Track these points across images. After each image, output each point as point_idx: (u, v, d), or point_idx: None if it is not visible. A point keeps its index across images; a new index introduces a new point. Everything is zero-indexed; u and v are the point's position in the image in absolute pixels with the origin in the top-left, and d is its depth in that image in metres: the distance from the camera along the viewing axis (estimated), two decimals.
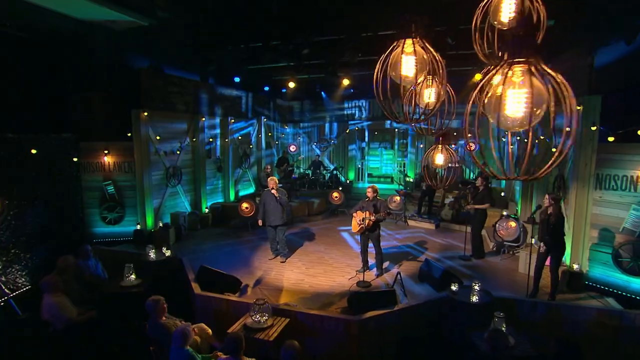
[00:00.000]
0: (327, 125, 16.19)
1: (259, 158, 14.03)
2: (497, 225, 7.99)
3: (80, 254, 6.10)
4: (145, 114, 8.71)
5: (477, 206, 7.74)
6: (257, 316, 4.81)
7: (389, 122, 14.94)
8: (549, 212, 5.76)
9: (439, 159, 5.27)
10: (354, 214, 6.90)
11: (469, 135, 9.88)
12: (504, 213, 8.74)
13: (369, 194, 6.79)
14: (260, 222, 7.64)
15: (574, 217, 6.38)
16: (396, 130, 15.29)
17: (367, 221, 6.62)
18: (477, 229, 7.82)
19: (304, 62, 10.43)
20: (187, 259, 7.14)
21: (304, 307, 5.59)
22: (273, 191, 7.45)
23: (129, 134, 8.59)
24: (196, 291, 5.74)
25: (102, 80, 8.40)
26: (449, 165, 5.19)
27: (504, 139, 11.90)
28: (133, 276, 5.82)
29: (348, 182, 14.84)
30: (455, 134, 14.40)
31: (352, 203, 11.99)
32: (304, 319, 5.18)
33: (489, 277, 6.78)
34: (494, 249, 8.39)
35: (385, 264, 7.35)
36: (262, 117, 14.18)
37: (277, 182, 7.66)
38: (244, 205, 10.18)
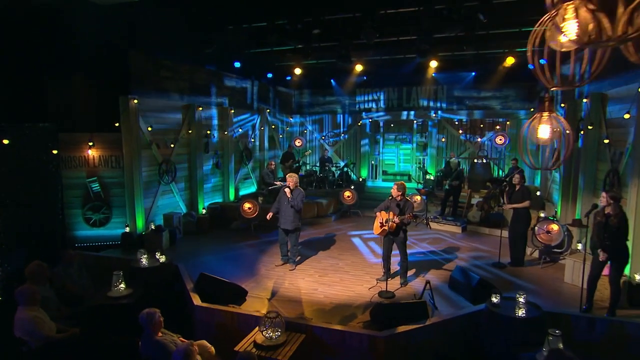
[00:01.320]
0: (337, 117, 16.16)
1: (261, 153, 14.02)
2: (536, 228, 7.63)
3: (61, 261, 5.96)
4: (135, 101, 8.55)
5: (516, 205, 7.42)
6: (269, 331, 4.56)
7: (405, 113, 14.75)
8: (606, 212, 5.39)
9: (544, 131, 4.19)
10: (377, 214, 6.72)
11: (497, 127, 9.58)
12: (542, 215, 8.50)
13: (394, 192, 6.58)
14: (269, 216, 7.44)
15: (635, 219, 6.00)
16: (414, 122, 15.09)
17: (390, 223, 6.38)
18: (519, 232, 7.52)
19: (313, 45, 10.14)
20: (183, 266, 6.96)
21: (321, 320, 5.37)
22: (286, 190, 7.26)
23: (117, 124, 8.42)
24: (196, 302, 5.52)
25: (85, 63, 8.18)
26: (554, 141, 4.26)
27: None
28: (122, 285, 5.61)
29: (361, 180, 14.71)
30: (482, 125, 14.08)
31: (366, 204, 12.28)
32: (322, 335, 4.94)
33: (530, 288, 6.50)
34: (533, 255, 8.09)
35: (410, 272, 7.13)
36: (265, 108, 14.08)
37: (297, 180, 7.46)
38: (247, 205, 10.04)
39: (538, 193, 11.29)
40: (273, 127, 14.80)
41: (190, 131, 10.37)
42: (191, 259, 7.81)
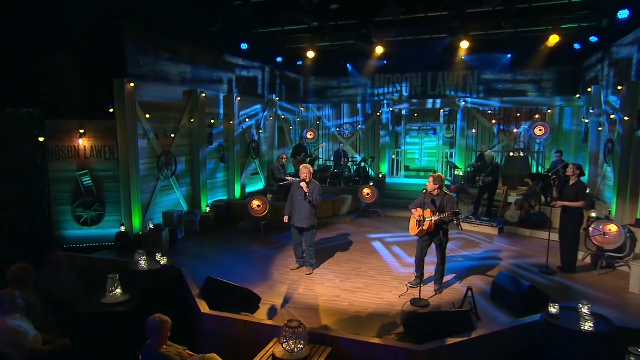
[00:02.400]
0: (353, 106, 16.02)
1: (270, 146, 13.93)
2: (590, 229, 7.24)
3: (48, 263, 5.82)
4: (132, 84, 8.40)
5: (568, 204, 7.04)
6: (290, 343, 4.29)
7: (430, 101, 14.53)
8: None
9: None
10: (413, 211, 6.49)
11: (537, 116, 9.17)
12: (593, 215, 8.20)
13: (430, 185, 6.37)
14: (286, 219, 7.34)
15: None
16: (441, 111, 14.83)
17: (426, 223, 6.16)
18: (569, 233, 7.18)
19: (329, 24, 9.87)
20: (187, 269, 6.80)
21: (347, 331, 5.13)
22: (303, 184, 7.08)
23: (111, 109, 8.29)
24: (203, 310, 5.33)
25: (75, 41, 8.02)
26: None
27: (585, 120, 11.23)
28: (119, 290, 5.47)
29: (380, 176, 14.42)
30: (518, 114, 13.70)
31: (386, 203, 12.33)
32: (351, 348, 4.70)
33: (588, 298, 6.07)
34: (585, 260, 7.77)
35: (446, 278, 6.85)
36: (274, 96, 13.92)
37: (312, 172, 7.30)
38: (256, 203, 9.89)
39: (587, 191, 10.91)
40: (283, 117, 14.73)
41: (192, 120, 10.26)
42: (195, 262, 7.70)
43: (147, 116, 8.96)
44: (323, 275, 7.29)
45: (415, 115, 15.36)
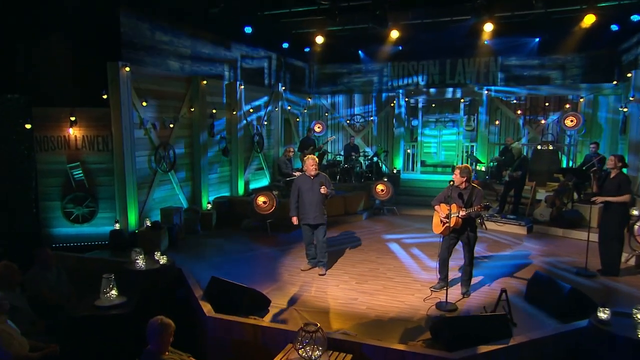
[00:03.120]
0: (365, 96, 16.05)
1: (275, 139, 13.88)
2: (635, 228, 7.01)
3: (36, 262, 5.73)
4: (127, 69, 8.25)
5: (611, 199, 6.80)
6: (307, 349, 4.12)
7: (449, 90, 14.38)
8: None
9: None
10: (437, 207, 6.37)
11: (567, 106, 8.87)
12: (635, 212, 7.99)
13: (456, 177, 6.19)
14: (295, 220, 7.27)
15: None
16: (461, 101, 14.70)
17: (453, 219, 6.01)
18: (611, 232, 6.93)
19: (341, 4, 9.70)
20: (188, 269, 6.76)
21: (367, 337, 4.93)
22: (324, 190, 7.03)
23: (104, 96, 8.15)
24: (207, 312, 5.21)
25: (64, 21, 7.93)
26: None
27: (623, 109, 10.94)
28: (114, 292, 5.34)
29: (395, 171, 14.32)
30: (546, 104, 13.45)
31: (401, 200, 12.30)
32: (374, 355, 4.53)
33: (635, 303, 5.84)
34: (629, 262, 7.55)
35: (473, 280, 6.67)
36: (280, 85, 13.85)
37: (317, 161, 7.28)
38: (261, 199, 9.79)
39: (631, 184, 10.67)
40: (289, 107, 14.66)
41: (192, 109, 10.18)
42: (196, 262, 7.64)
43: (144, 104, 8.82)
44: (337, 276, 7.18)
45: (433, 105, 15.27)
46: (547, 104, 13.63)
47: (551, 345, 4.83)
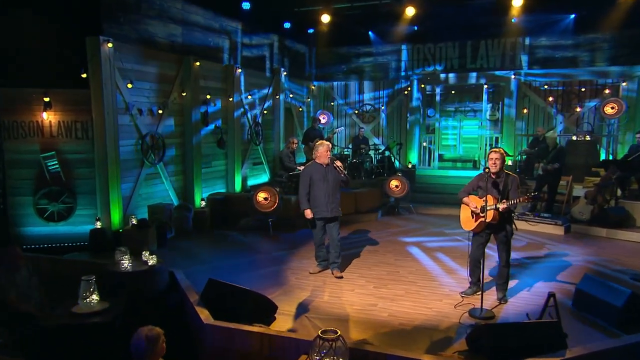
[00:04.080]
0: (375, 83, 15.87)
1: (276, 130, 13.85)
2: None
3: (2, 263, 5.71)
4: (110, 44, 8.11)
5: None
6: None
7: (471, 76, 14.28)
8: None
9: None
10: (465, 200, 6.19)
11: (607, 91, 8.53)
12: None
13: (491, 163, 5.95)
14: (309, 213, 7.05)
15: None
16: (484, 88, 14.57)
17: (490, 212, 5.76)
18: None
19: None
20: (181, 272, 6.63)
21: (390, 346, 4.77)
22: (338, 163, 7.02)
23: (84, 75, 8.02)
24: (205, 319, 5.03)
25: None
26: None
27: None
28: (95, 297, 5.20)
29: (410, 166, 14.37)
30: (583, 89, 13.17)
31: (417, 198, 12.30)
32: None
33: None
34: None
35: (510, 284, 6.47)
36: (282, 70, 13.78)
37: (331, 148, 7.23)
38: (262, 195, 9.63)
39: None
40: (291, 95, 14.61)
41: (184, 94, 10.08)
42: (189, 265, 7.59)
43: (129, 86, 8.68)
44: (352, 280, 7.05)
45: (453, 92, 15.36)
46: (582, 90, 13.37)
47: (617, 358, 4.58)
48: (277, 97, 13.55)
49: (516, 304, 6.08)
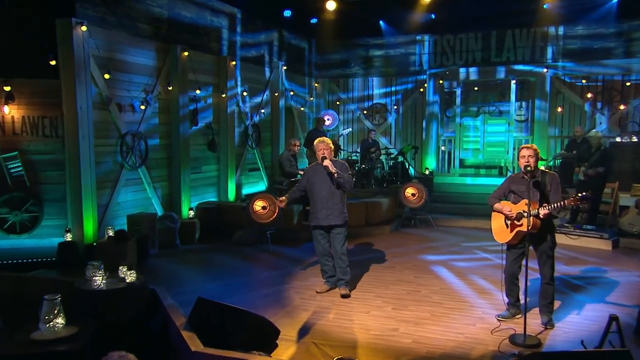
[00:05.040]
0: (389, 79, 15.86)
1: (275, 131, 13.97)
2: None
3: None
4: (84, 28, 8.10)
5: None
6: None
7: (497, 70, 14.24)
8: None
9: None
10: (497, 206, 5.96)
11: None
12: None
13: (523, 161, 5.73)
14: (282, 200, 7.19)
15: None
16: (511, 84, 14.55)
17: (527, 220, 5.45)
18: None
19: None
20: (164, 290, 6.45)
21: None
22: (326, 163, 6.78)
23: (52, 62, 7.95)
24: (194, 347, 4.75)
25: None
26: None
27: None
28: (60, 320, 4.89)
29: (427, 172, 14.26)
30: (627, 83, 13.26)
31: (435, 209, 12.25)
32: None
33: None
34: None
35: (556, 305, 6.23)
36: (281, 64, 13.91)
37: (332, 148, 7.08)
38: (259, 204, 9.33)
39: None
40: (292, 93, 14.78)
41: (170, 88, 10.15)
42: (175, 283, 7.53)
43: (107, 77, 8.71)
44: (366, 300, 6.87)
45: (475, 89, 15.21)
46: (627, 84, 13.22)
47: None
48: (276, 94, 13.69)
49: (565, 329, 5.86)
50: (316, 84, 16.01)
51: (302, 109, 15.32)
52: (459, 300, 6.84)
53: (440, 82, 14.84)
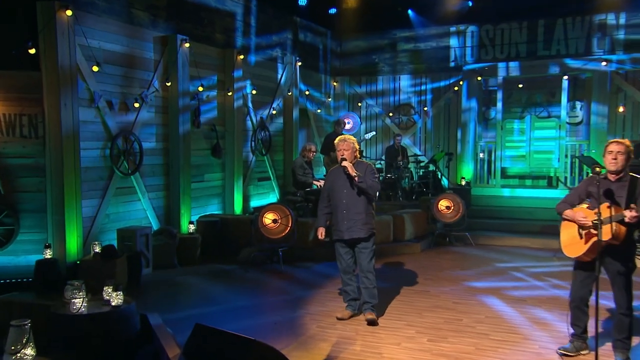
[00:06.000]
0: (418, 76, 15.93)
1: (288, 135, 14.10)
2: None
3: None
4: (69, 12, 8.08)
5: None
6: None
7: (549, 64, 14.07)
8: None
9: None
10: (568, 213, 5.68)
11: None
12: None
13: (610, 158, 5.43)
14: (321, 233, 7.08)
15: None
16: (562, 80, 14.26)
17: (607, 228, 5.18)
18: None
19: None
20: (158, 317, 6.34)
21: None
22: (346, 164, 6.68)
23: (32, 50, 7.88)
24: None
25: None
26: None
27: None
28: (30, 351, 4.78)
29: (464, 183, 14.09)
30: None
31: (474, 225, 12.20)
32: None
33: None
34: None
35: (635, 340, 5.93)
36: (295, 59, 14.01)
37: (356, 148, 6.95)
38: (270, 217, 9.63)
39: None
40: (307, 93, 14.88)
41: (168, 84, 10.14)
42: (171, 308, 7.54)
43: (95, 69, 8.67)
44: (397, 329, 6.69)
45: (520, 86, 14.97)
46: None
47: None
48: (290, 94, 13.79)
49: None
50: (335, 83, 16.04)
51: (318, 110, 15.47)
52: (510, 331, 6.69)
53: (478, 79, 14.81)
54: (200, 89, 10.66)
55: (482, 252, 10.85)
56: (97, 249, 8.15)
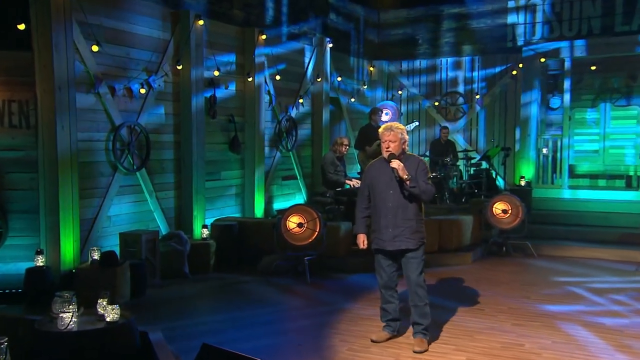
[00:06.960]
0: (463, 62, 16.11)
1: (317, 128, 14.10)
2: None
3: None
4: None
5: None
6: None
7: (628, 41, 13.85)
8: None
9: None
10: None
11: None
12: None
13: None
14: (363, 241, 6.88)
15: None
16: None
17: None
18: None
19: None
20: (161, 336, 6.17)
21: None
22: (395, 164, 6.41)
23: (21, 26, 7.87)
24: None
25: None
26: None
27: None
28: None
29: (523, 183, 13.95)
30: None
31: (535, 231, 12.09)
32: None
33: None
34: None
35: None
36: (327, 40, 14.00)
37: (405, 139, 6.71)
38: (294, 221, 9.62)
39: None
40: (339, 78, 14.91)
41: (180, 67, 10.13)
42: (178, 324, 7.52)
43: (95, 49, 8.61)
44: (445, 355, 6.52)
45: (593, 69, 14.63)
46: None
47: None
48: (319, 80, 13.76)
49: None
50: (371, 68, 16.15)
51: (352, 99, 15.51)
52: (584, 358, 6.46)
53: (542, 61, 14.60)
54: (216, 73, 10.69)
55: (547, 263, 10.74)
56: (96, 256, 8.09)
